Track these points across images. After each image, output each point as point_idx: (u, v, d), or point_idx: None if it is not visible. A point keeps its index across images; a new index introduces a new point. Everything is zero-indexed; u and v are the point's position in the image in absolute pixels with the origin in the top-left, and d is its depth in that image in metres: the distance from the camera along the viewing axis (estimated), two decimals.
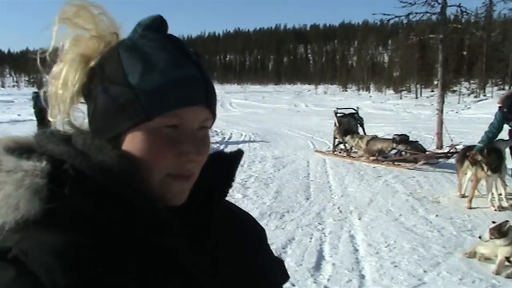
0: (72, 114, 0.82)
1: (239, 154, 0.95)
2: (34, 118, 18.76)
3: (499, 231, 4.80)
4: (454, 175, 8.71)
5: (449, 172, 9.77)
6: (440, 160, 10.86)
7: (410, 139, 11.94)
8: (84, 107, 0.83)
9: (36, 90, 20.15)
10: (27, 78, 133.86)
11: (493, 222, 4.98)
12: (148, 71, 0.76)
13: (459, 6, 15.64)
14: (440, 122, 14.40)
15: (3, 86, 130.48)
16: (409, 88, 66.98)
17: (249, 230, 1.02)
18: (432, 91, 52.74)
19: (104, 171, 0.75)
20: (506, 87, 46.61)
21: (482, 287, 4.41)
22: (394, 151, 11.74)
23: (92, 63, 0.79)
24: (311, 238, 5.82)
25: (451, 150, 10.87)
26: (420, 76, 61.85)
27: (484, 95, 51.76)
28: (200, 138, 0.81)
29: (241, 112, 36.35)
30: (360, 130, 13.28)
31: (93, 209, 0.73)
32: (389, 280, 4.59)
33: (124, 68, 0.77)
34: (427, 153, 11.27)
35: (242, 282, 0.90)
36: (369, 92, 77.89)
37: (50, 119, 0.82)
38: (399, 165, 10.88)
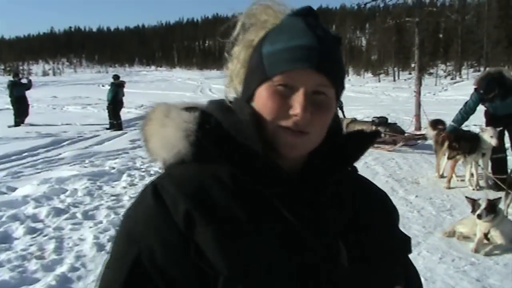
0: (240, 85, 1.04)
1: (376, 133, 1.11)
2: (10, 106, 18.43)
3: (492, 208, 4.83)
4: (432, 156, 8.82)
5: (427, 153, 9.89)
6: (418, 141, 10.99)
7: (389, 121, 12.05)
8: None
9: (11, 78, 19.75)
10: (2, 67, 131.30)
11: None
12: (275, 41, 0.95)
13: None
14: (418, 104, 14.55)
15: None
16: (387, 71, 67.42)
17: (376, 205, 1.12)
18: (410, 73, 53.10)
19: (236, 125, 0.96)
20: (481, 69, 47.19)
21: (462, 265, 4.49)
22: None
23: (253, 44, 1.00)
24: None
25: None
26: (397, 59, 62.25)
27: (460, 77, 52.37)
28: (313, 101, 0.92)
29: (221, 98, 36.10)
30: (339, 113, 13.31)
31: (219, 154, 0.93)
32: None
33: (263, 41, 0.97)
34: (405, 135, 11.39)
35: (355, 246, 0.98)
36: (348, 75, 77.61)
37: (227, 87, 1.06)
38: (378, 147, 10.97)
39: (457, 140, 7.37)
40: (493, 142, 7.09)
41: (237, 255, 0.87)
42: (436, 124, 8.46)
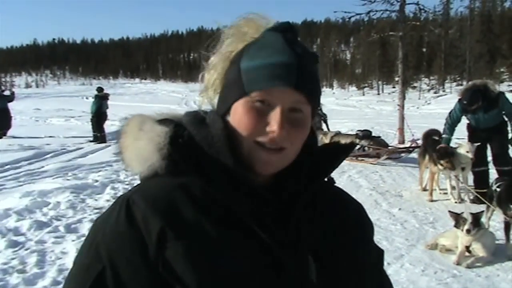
0: (215, 94, 1.04)
1: (351, 146, 1.10)
2: None
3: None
4: (415, 169, 8.89)
5: (410, 166, 9.98)
6: (402, 154, 11.09)
7: (373, 134, 12.14)
8: None
9: None
10: None
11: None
12: (255, 57, 0.95)
13: (418, 4, 16.02)
14: (402, 118, 14.70)
15: None
16: (371, 85, 67.92)
17: (351, 218, 1.10)
18: (394, 87, 53.65)
19: (207, 139, 0.96)
20: (464, 82, 47.80)
21: (444, 277, 4.52)
22: (357, 147, 11.90)
23: (231, 57, 1.00)
24: None
25: (413, 145, 11.12)
26: (381, 73, 62.82)
27: (444, 91, 52.98)
28: (290, 118, 0.93)
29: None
30: (324, 126, 13.41)
31: (190, 168, 0.94)
32: None
33: (242, 56, 0.97)
34: (389, 148, 11.49)
35: (327, 260, 0.98)
36: (333, 88, 78.54)
37: (201, 96, 1.06)
38: (362, 160, 11.05)
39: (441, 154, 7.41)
40: (469, 156, 7.18)
41: (206, 271, 0.87)
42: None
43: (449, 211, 5.27)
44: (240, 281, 0.89)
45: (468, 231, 4.81)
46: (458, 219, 4.95)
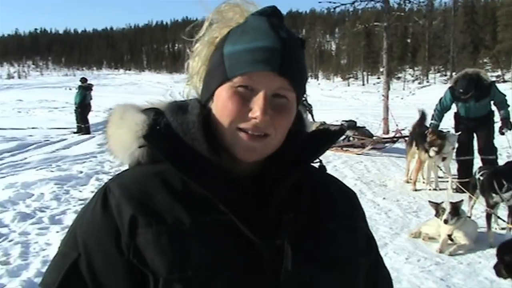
0: (200, 82, 1.02)
1: (340, 130, 1.12)
2: None
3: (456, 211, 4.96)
4: (400, 159, 8.97)
5: (395, 156, 10.05)
6: (386, 144, 11.16)
7: (358, 125, 12.20)
8: None
9: None
10: None
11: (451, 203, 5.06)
12: (237, 41, 0.93)
13: None
14: (386, 108, 14.79)
15: None
16: (356, 76, 68.17)
17: (339, 205, 1.07)
18: (378, 78, 53.88)
19: (182, 126, 0.96)
20: (448, 73, 48.17)
21: (427, 265, 4.58)
22: (342, 137, 11.94)
23: (216, 42, 0.98)
24: None
25: (397, 135, 11.20)
26: (366, 64, 63.07)
27: (428, 81, 53.34)
28: (274, 104, 0.91)
29: None
30: (309, 117, 13.42)
31: (166, 156, 0.92)
32: None
33: (225, 41, 0.95)
34: (374, 138, 11.55)
35: (308, 248, 0.95)
36: (318, 79, 78.57)
37: (186, 85, 1.05)
38: (347, 150, 11.09)
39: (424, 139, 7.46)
40: (451, 146, 7.29)
41: (176, 259, 0.87)
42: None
43: (429, 201, 5.35)
44: (211, 269, 0.87)
45: (445, 221, 4.87)
46: (438, 208, 5.02)
